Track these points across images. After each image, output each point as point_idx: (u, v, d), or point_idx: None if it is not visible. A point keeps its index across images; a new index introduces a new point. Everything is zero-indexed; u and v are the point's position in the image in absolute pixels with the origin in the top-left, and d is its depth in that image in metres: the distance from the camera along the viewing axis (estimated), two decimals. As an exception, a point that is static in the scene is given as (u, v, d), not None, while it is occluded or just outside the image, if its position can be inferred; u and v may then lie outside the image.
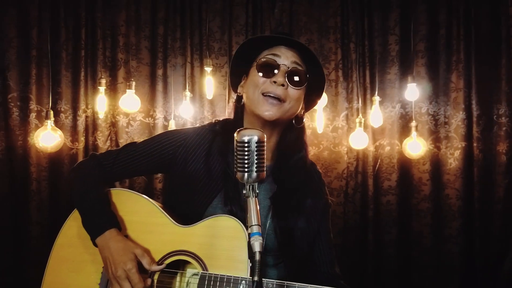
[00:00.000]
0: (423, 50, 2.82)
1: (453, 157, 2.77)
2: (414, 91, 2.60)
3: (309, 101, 1.36)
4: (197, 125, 2.09)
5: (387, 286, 2.78)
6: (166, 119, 2.79)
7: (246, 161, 0.87)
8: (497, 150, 2.75)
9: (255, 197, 0.88)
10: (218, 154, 1.27)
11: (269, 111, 1.20)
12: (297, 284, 1.07)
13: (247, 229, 0.86)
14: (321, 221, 1.33)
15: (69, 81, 2.73)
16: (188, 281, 1.22)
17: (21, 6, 2.69)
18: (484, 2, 2.78)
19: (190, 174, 1.27)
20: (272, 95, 1.20)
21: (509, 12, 2.75)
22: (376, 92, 2.75)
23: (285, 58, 1.23)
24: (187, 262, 1.22)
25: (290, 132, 1.32)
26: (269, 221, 1.26)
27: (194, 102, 2.79)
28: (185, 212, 1.26)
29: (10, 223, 2.67)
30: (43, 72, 2.71)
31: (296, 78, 1.22)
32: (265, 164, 0.89)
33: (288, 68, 1.22)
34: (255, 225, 0.84)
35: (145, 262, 1.17)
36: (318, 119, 2.65)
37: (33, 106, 2.68)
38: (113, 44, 2.78)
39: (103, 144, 2.75)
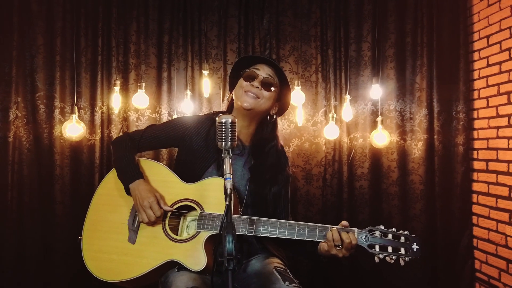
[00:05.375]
0: (392, 55, 3.09)
1: (417, 147, 3.07)
2: (378, 91, 2.94)
3: (281, 106, 1.87)
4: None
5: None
6: (170, 114, 3.06)
7: (223, 135, 1.32)
8: (455, 141, 3.03)
9: (229, 158, 1.33)
10: (214, 135, 1.72)
11: (247, 102, 1.71)
12: (263, 219, 1.53)
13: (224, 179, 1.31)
14: (284, 187, 1.82)
15: (88, 82, 3.02)
16: (188, 224, 1.69)
17: (47, 18, 2.98)
18: (446, 13, 3.06)
19: (194, 148, 1.75)
20: (250, 92, 1.71)
21: (467, 21, 3.04)
22: (348, 92, 3.06)
23: (263, 71, 1.75)
24: (190, 209, 1.67)
25: (266, 125, 1.83)
26: (248, 186, 1.74)
27: (194, 100, 3.08)
28: (188, 174, 1.73)
29: (38, 203, 2.98)
30: (65, 74, 3.00)
31: (268, 84, 1.73)
32: (236, 137, 1.34)
33: (263, 77, 1.73)
34: (227, 173, 1.28)
35: (162, 203, 1.63)
36: (298, 115, 2.98)
37: (57, 103, 2.99)
38: (125, 51, 3.05)
39: (116, 136, 3.00)
